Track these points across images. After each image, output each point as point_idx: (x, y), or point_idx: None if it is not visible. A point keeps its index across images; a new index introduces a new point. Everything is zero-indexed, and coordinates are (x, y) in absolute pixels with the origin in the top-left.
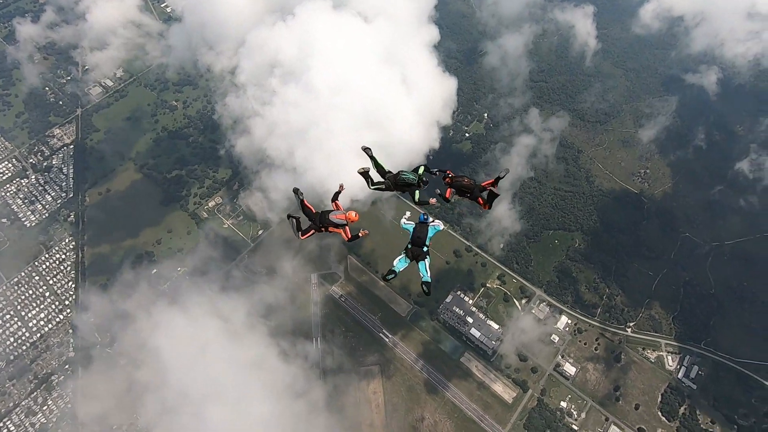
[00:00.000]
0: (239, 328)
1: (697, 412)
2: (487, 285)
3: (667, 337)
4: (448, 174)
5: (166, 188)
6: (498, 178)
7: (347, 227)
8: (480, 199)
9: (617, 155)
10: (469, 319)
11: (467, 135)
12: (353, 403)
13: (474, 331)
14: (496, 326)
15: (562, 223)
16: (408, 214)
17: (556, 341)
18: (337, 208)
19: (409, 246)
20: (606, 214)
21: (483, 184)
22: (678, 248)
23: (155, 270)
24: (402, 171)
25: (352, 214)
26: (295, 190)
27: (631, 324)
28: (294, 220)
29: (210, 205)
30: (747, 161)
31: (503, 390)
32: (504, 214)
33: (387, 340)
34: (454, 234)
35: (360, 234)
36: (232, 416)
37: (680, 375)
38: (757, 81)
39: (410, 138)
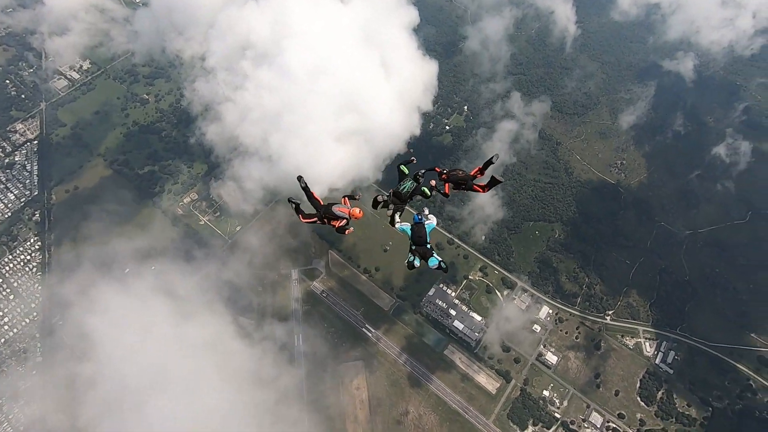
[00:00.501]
0: (219, 330)
1: (674, 396)
2: (470, 277)
3: (645, 324)
4: (443, 171)
5: (138, 185)
6: (489, 163)
7: (347, 221)
8: (476, 186)
9: (594, 147)
10: (452, 312)
11: (447, 128)
12: (337, 399)
13: (457, 324)
14: (479, 318)
15: (542, 214)
16: (397, 216)
17: (538, 331)
18: (345, 203)
19: (413, 247)
20: (584, 204)
21: (472, 173)
22: (654, 237)
23: (127, 269)
24: (399, 186)
25: (356, 211)
26: (299, 178)
27: (610, 312)
28: (294, 205)
29: (185, 201)
30: (723, 146)
31: (487, 381)
32: (486, 201)
33: (370, 334)
34: (436, 227)
35: (345, 231)
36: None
37: (657, 360)
38: (731, 67)
39: (391, 123)
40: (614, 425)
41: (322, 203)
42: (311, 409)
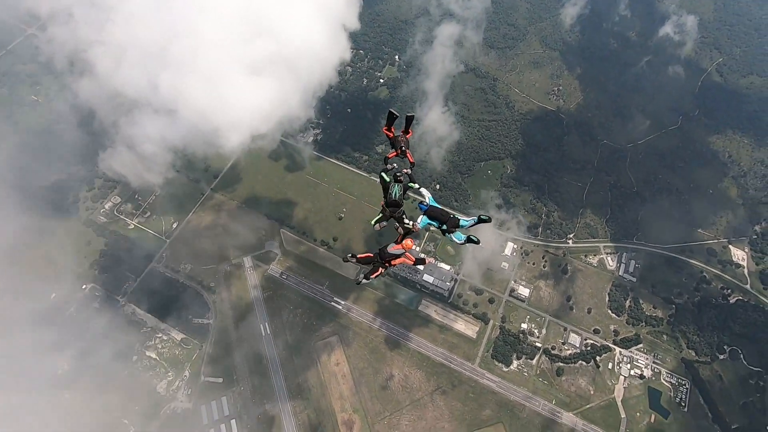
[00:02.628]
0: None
1: (641, 302)
2: (431, 228)
3: (604, 240)
4: (398, 148)
5: (46, 199)
6: (410, 119)
7: (407, 254)
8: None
9: (530, 77)
10: (420, 267)
11: (382, 81)
12: (318, 380)
13: (427, 277)
14: (447, 267)
15: (491, 152)
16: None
17: (506, 268)
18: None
19: (444, 227)
20: (530, 136)
21: (407, 135)
22: (599, 156)
23: (54, 294)
24: (388, 195)
25: (408, 242)
26: (345, 260)
27: (571, 235)
28: (353, 260)
29: (107, 207)
30: (670, 24)
31: (465, 327)
32: (437, 121)
33: (340, 307)
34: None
35: (425, 260)
36: None
37: (621, 272)
38: None
39: (314, 46)
40: (592, 341)
41: (372, 255)
42: (293, 397)
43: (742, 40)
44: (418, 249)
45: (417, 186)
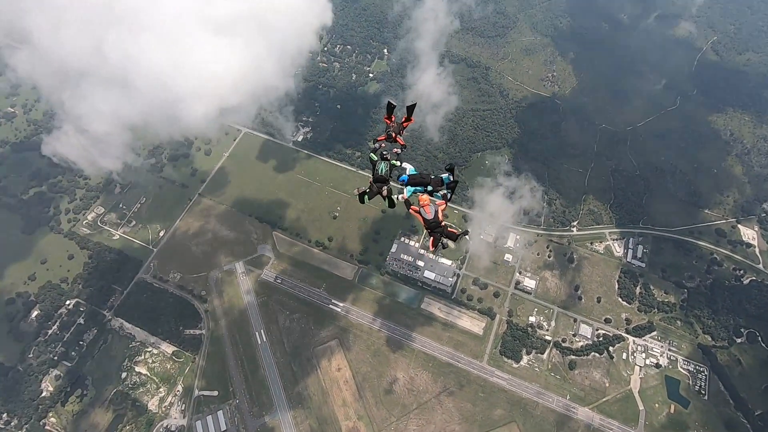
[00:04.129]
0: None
1: (651, 288)
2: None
3: (609, 226)
4: (388, 131)
5: (25, 212)
6: (411, 108)
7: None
8: (398, 139)
9: (523, 64)
10: (420, 263)
11: (371, 75)
12: (318, 387)
13: (428, 274)
14: (449, 262)
15: (488, 142)
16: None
17: (510, 260)
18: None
19: (431, 189)
20: (526, 123)
21: (403, 122)
22: (598, 140)
23: (36, 312)
24: (375, 171)
25: (424, 198)
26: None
27: (575, 223)
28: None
29: (89, 218)
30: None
31: (471, 323)
32: (430, 88)
33: (338, 309)
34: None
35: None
36: None
37: (629, 258)
38: None
39: (290, 3)
40: (603, 331)
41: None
42: (294, 406)
43: (735, 17)
44: (417, 245)
45: (399, 163)
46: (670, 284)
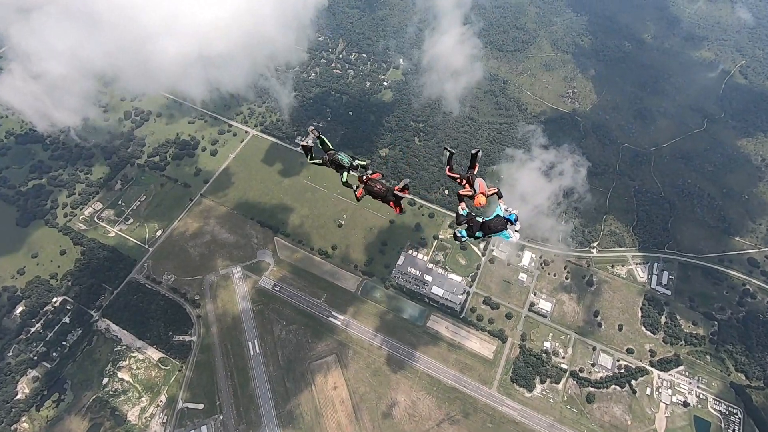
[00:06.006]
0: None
1: (678, 318)
2: (440, 236)
3: (632, 249)
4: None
5: (22, 204)
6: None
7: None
8: (392, 204)
9: (543, 79)
10: (428, 278)
11: (386, 83)
12: (312, 406)
13: (436, 290)
14: (458, 278)
15: (503, 155)
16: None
17: (525, 279)
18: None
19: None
20: (545, 138)
21: (395, 189)
22: (621, 159)
23: (21, 308)
24: (339, 152)
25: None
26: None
27: (595, 244)
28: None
29: (86, 213)
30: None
31: (480, 346)
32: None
33: (338, 322)
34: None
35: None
36: None
37: (653, 284)
38: None
39: None
40: (625, 362)
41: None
42: (284, 425)
43: (765, 43)
44: (425, 259)
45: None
46: (698, 315)
